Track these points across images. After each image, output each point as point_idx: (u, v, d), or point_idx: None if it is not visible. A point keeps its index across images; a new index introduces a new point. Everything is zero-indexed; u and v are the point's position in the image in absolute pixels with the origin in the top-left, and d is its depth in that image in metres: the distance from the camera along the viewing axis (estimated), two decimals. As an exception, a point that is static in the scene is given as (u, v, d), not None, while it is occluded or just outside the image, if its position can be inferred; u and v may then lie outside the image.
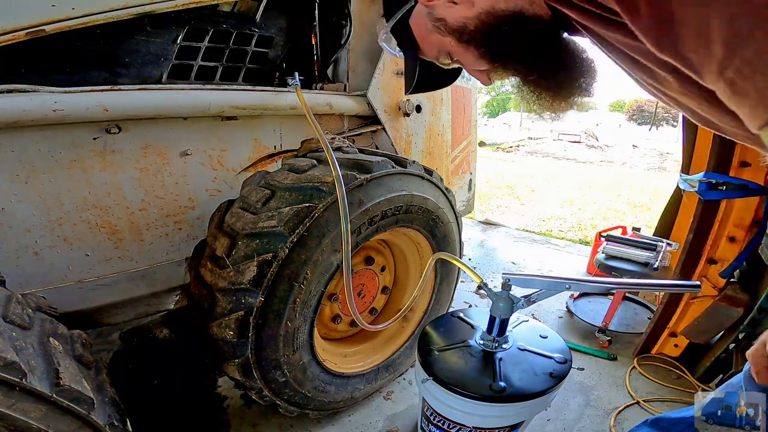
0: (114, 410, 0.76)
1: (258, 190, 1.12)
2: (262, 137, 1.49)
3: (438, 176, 1.39)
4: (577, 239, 3.70)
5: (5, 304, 0.70)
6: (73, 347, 0.77)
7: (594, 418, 1.47)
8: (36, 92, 0.95)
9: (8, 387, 0.58)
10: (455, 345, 1.08)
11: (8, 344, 0.61)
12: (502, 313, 1.02)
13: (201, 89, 1.23)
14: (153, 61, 1.19)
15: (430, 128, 2.12)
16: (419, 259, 1.52)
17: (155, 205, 1.26)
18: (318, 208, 1.03)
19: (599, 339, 1.91)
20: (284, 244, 1.00)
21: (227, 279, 1.02)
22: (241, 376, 1.09)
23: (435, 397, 1.02)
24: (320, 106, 1.53)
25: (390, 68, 1.77)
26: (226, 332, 1.02)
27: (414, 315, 1.60)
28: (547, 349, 1.08)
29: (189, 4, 1.14)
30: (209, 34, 1.26)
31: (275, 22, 1.44)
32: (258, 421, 1.41)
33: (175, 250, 1.35)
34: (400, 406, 1.52)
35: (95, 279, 1.20)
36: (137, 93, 1.10)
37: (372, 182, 1.14)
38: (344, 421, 1.44)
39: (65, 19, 0.95)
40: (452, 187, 2.40)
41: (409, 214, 1.28)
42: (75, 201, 1.11)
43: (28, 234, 1.06)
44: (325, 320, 1.42)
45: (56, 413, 0.64)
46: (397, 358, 1.54)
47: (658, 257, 1.90)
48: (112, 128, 1.11)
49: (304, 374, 1.19)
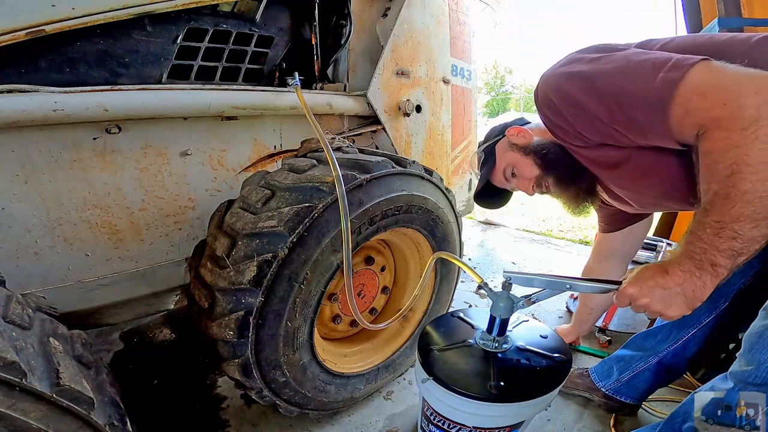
0: (114, 410, 0.76)
1: (258, 190, 1.12)
2: (262, 137, 1.49)
3: (438, 176, 1.39)
4: (577, 239, 3.70)
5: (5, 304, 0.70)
6: (73, 347, 0.77)
7: (594, 418, 1.47)
8: (36, 92, 0.95)
9: (8, 387, 0.58)
10: (455, 345, 1.08)
11: (8, 344, 0.61)
12: (502, 313, 1.02)
13: (201, 89, 1.23)
14: (153, 61, 1.19)
15: (431, 128, 2.12)
16: (419, 259, 1.52)
17: (155, 205, 1.26)
18: (318, 208, 1.03)
19: (599, 339, 1.91)
20: (284, 244, 1.00)
21: (227, 279, 1.02)
22: (241, 376, 1.09)
23: (435, 396, 1.02)
24: (320, 106, 1.53)
25: (390, 68, 1.77)
26: (226, 332, 1.02)
27: (414, 315, 1.60)
28: (547, 349, 1.08)
29: (189, 4, 1.14)
30: (209, 34, 1.26)
31: (275, 22, 1.44)
32: (258, 421, 1.41)
33: (175, 250, 1.35)
34: (400, 406, 1.52)
35: (95, 279, 1.20)
36: (137, 93, 1.10)
37: (372, 182, 1.14)
38: (344, 420, 1.44)
39: (65, 19, 0.95)
40: (452, 187, 2.40)
41: (409, 214, 1.28)
42: (75, 201, 1.11)
43: (28, 234, 1.06)
44: (325, 320, 1.42)
45: (56, 413, 0.64)
46: (397, 358, 1.54)
47: (658, 257, 1.90)
48: (112, 128, 1.11)
49: (304, 374, 1.19)
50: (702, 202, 0.72)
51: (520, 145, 1.15)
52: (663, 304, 0.75)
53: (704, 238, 0.69)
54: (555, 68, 0.95)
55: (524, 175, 1.16)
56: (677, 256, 0.74)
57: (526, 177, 1.16)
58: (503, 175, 1.22)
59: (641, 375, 1.38)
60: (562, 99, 0.91)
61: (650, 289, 0.75)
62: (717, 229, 0.67)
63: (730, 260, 0.68)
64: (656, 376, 1.37)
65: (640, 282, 0.77)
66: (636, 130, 0.83)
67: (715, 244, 0.68)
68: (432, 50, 2.02)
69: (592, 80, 0.85)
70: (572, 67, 0.90)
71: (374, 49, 1.77)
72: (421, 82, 1.99)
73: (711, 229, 0.68)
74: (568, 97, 0.89)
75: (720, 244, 0.67)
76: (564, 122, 0.94)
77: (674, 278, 0.73)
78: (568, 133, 0.96)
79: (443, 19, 2.09)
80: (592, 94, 0.85)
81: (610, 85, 0.83)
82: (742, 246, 0.66)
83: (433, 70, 2.06)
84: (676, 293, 0.73)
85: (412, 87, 1.92)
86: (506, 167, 1.20)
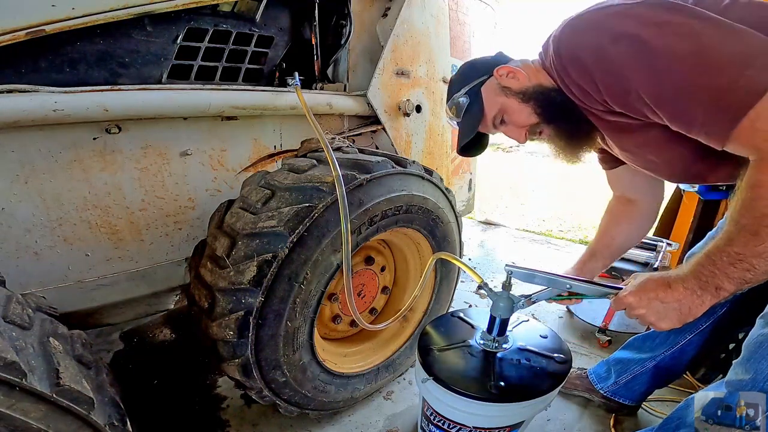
0: (114, 410, 0.76)
1: (258, 190, 1.12)
2: (262, 137, 1.48)
3: (438, 176, 1.39)
4: (577, 239, 3.70)
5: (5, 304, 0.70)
6: (73, 347, 0.77)
7: (594, 419, 1.47)
8: (36, 92, 0.95)
9: (8, 387, 0.58)
10: (455, 345, 1.08)
11: (8, 344, 0.61)
12: (502, 313, 1.02)
13: (201, 89, 1.23)
14: (153, 61, 1.19)
15: (430, 128, 2.12)
16: (419, 259, 1.52)
17: (155, 205, 1.26)
18: (318, 208, 1.03)
19: (599, 339, 1.91)
20: (284, 244, 1.00)
21: (227, 279, 1.02)
22: (241, 376, 1.09)
23: (435, 396, 1.02)
24: (320, 106, 1.52)
25: (390, 68, 1.77)
26: (226, 332, 1.02)
27: (414, 315, 1.60)
28: (547, 349, 1.08)
29: (189, 4, 1.14)
30: (209, 34, 1.26)
31: (275, 22, 1.44)
32: (258, 421, 1.41)
33: (175, 250, 1.35)
34: (400, 406, 1.52)
35: (95, 279, 1.20)
36: (137, 93, 1.10)
37: (372, 182, 1.14)
38: (344, 420, 1.44)
39: (65, 19, 0.95)
40: (452, 187, 2.40)
41: (409, 214, 1.28)
42: (75, 201, 1.11)
43: (28, 234, 1.06)
44: (325, 320, 1.42)
45: (56, 413, 0.64)
46: (397, 358, 1.54)
47: (658, 257, 1.90)
48: (112, 128, 1.11)
49: (304, 374, 1.19)
50: (726, 229, 0.68)
51: (515, 89, 0.96)
52: (657, 317, 0.75)
53: (718, 264, 0.68)
54: (593, 14, 0.77)
55: (518, 122, 0.99)
56: (684, 273, 0.72)
57: (521, 125, 1.00)
58: (492, 122, 1.04)
59: (639, 378, 1.38)
60: (598, 62, 0.75)
61: (649, 300, 0.75)
62: (735, 259, 0.66)
63: (736, 287, 0.67)
64: (654, 378, 1.37)
65: (641, 293, 0.77)
66: (684, 123, 0.72)
67: (727, 271, 0.67)
68: (432, 50, 2.02)
69: (651, 54, 0.69)
70: (623, 22, 0.72)
71: (374, 49, 1.77)
72: (421, 82, 1.99)
73: (728, 258, 0.67)
74: (608, 63, 0.74)
75: (732, 272, 0.66)
76: (591, 86, 0.79)
77: (675, 294, 0.72)
78: (588, 95, 0.81)
79: (443, 19, 2.09)
80: (643, 71, 0.70)
81: (675, 70, 0.67)
82: (753, 277, 0.66)
83: (433, 70, 2.06)
84: (673, 308, 0.73)
85: (412, 87, 1.92)
86: (496, 114, 1.01)
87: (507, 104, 0.98)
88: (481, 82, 1.02)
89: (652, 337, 1.37)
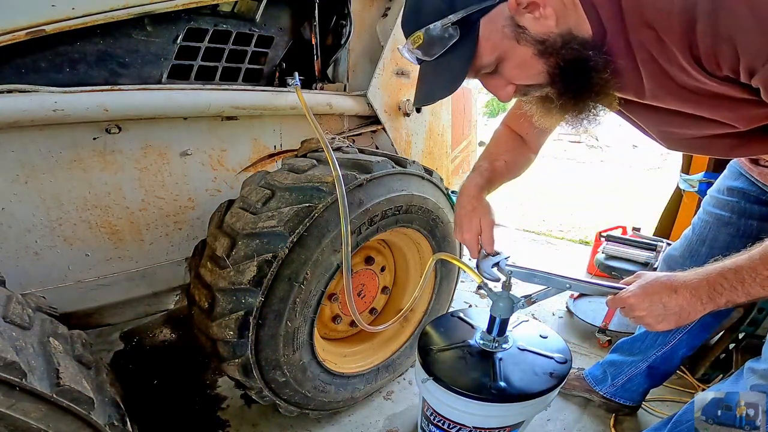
0: (114, 410, 0.76)
1: (258, 190, 1.12)
2: (262, 137, 1.48)
3: (438, 176, 1.39)
4: (577, 239, 3.70)
5: (5, 304, 0.70)
6: (73, 347, 0.77)
7: (594, 419, 1.47)
8: (36, 92, 0.95)
9: (8, 387, 0.58)
10: (455, 345, 1.08)
11: (8, 344, 0.61)
12: (502, 313, 1.02)
13: (201, 89, 1.23)
14: (153, 61, 1.19)
15: (430, 128, 2.12)
16: (419, 259, 1.52)
17: (155, 205, 1.26)
18: (318, 208, 1.03)
19: (599, 339, 1.91)
20: (284, 244, 1.00)
21: (227, 279, 1.02)
22: (241, 376, 1.09)
23: (435, 396, 1.02)
24: (320, 106, 1.52)
25: (390, 68, 1.77)
26: (226, 332, 1.02)
27: (414, 315, 1.60)
28: (547, 349, 1.08)
29: (189, 4, 1.14)
30: (209, 34, 1.26)
31: (275, 22, 1.44)
32: (258, 421, 1.41)
33: (175, 250, 1.35)
34: (400, 406, 1.52)
35: (95, 279, 1.20)
36: (137, 93, 1.10)
37: (372, 182, 1.14)
38: (344, 421, 1.44)
39: (65, 19, 0.95)
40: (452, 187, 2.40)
41: (409, 214, 1.28)
42: (75, 201, 1.11)
43: (28, 234, 1.06)
44: (325, 320, 1.42)
45: (56, 413, 0.64)
46: (397, 358, 1.54)
47: (659, 257, 1.89)
48: (112, 128, 1.11)
49: (304, 374, 1.19)
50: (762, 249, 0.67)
51: (534, 34, 0.65)
52: (655, 320, 0.74)
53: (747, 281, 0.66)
54: None
55: (517, 78, 0.72)
56: (695, 280, 0.71)
57: (518, 81, 0.72)
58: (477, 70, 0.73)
59: (634, 379, 1.39)
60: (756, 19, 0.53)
61: (652, 304, 0.74)
62: (763, 280, 0.65)
63: (746, 301, 0.67)
64: (649, 378, 1.37)
65: (644, 295, 0.75)
66: None
67: (751, 291, 0.66)
68: (432, 50, 2.02)
69: None
70: None
71: (374, 49, 1.77)
72: (421, 82, 1.99)
73: (760, 279, 0.65)
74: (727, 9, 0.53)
75: (756, 292, 0.66)
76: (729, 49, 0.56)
77: (679, 300, 0.71)
78: (713, 60, 0.58)
79: (443, 19, 2.09)
80: None
81: None
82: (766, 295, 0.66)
83: (433, 70, 2.06)
84: (673, 313, 0.72)
85: (412, 87, 1.92)
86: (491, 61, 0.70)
87: (514, 53, 0.68)
88: (484, 9, 0.65)
89: (641, 339, 1.37)
